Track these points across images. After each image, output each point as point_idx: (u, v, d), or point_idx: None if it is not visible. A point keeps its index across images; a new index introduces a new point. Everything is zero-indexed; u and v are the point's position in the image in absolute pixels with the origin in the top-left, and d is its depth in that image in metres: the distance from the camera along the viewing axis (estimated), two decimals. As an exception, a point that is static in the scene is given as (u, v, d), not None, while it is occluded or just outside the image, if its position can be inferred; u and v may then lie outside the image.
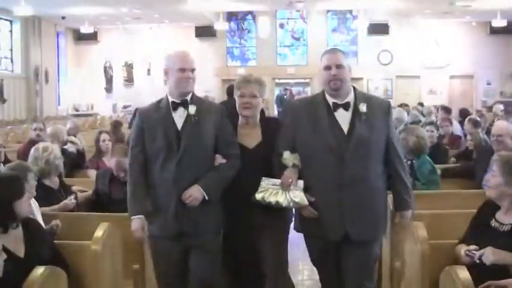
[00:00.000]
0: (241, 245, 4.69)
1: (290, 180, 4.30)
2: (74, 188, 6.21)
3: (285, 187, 4.32)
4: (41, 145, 5.91)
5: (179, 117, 4.46)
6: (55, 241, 4.39)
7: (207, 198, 4.37)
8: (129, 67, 28.91)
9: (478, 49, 26.95)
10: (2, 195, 3.88)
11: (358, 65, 26.78)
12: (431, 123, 9.74)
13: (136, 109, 4.91)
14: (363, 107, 4.28)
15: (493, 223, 4.02)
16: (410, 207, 4.48)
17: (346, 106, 4.32)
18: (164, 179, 4.39)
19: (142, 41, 27.77)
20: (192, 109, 4.43)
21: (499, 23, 23.09)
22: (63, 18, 24.71)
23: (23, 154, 8.73)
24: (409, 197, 4.44)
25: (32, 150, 5.84)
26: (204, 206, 4.38)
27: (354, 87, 4.44)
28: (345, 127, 4.28)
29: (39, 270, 3.40)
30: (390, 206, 4.57)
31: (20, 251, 3.83)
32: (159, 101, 4.59)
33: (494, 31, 25.98)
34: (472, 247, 3.88)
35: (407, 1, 21.63)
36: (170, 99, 4.50)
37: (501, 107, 15.12)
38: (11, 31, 24.26)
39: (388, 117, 4.40)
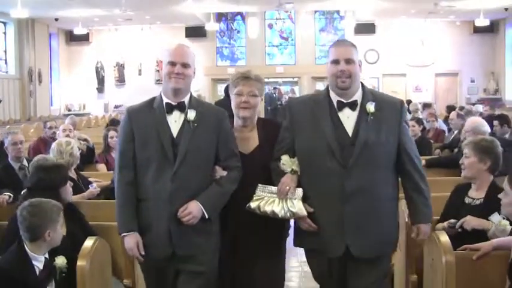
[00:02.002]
0: (230, 264, 4.23)
1: (287, 187, 3.88)
2: (91, 179, 6.83)
3: (282, 195, 3.89)
4: (63, 140, 6.49)
5: (174, 122, 3.91)
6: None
7: (207, 216, 3.86)
8: (120, 67, 29.20)
9: (462, 48, 27.63)
10: (51, 181, 4.54)
11: (346, 64, 27.50)
12: (412, 119, 10.45)
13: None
14: (370, 107, 3.82)
15: (467, 199, 4.62)
16: (429, 220, 4.05)
17: (352, 105, 3.86)
18: (157, 192, 3.83)
19: (133, 42, 28.13)
20: (192, 114, 3.88)
21: (482, 22, 23.61)
22: (56, 19, 25.06)
23: (34, 150, 9.38)
24: (427, 207, 3.98)
25: (55, 145, 6.37)
26: (201, 225, 3.86)
27: (362, 84, 3.96)
28: (350, 129, 3.83)
29: (91, 240, 4.00)
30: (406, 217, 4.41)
31: (63, 230, 4.46)
32: (152, 100, 4.01)
33: (478, 30, 26.65)
34: (452, 220, 4.36)
35: (393, 1, 22.09)
36: (165, 100, 3.94)
37: (481, 106, 15.80)
38: (5, 33, 24.61)
39: (400, 117, 3.90)
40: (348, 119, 3.85)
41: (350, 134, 3.82)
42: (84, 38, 28.35)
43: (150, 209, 3.86)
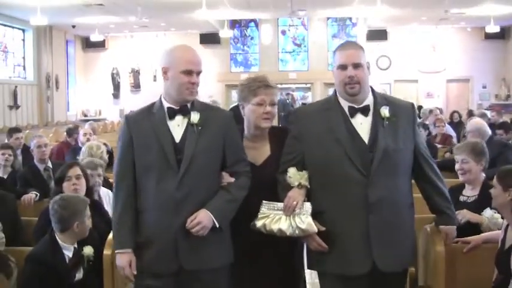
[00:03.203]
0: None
1: (294, 202, 3.60)
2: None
3: (289, 211, 3.60)
4: (94, 143, 6.96)
5: (177, 126, 3.63)
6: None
7: (217, 225, 3.56)
8: (136, 73, 29.65)
9: (473, 54, 27.82)
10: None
11: (358, 70, 27.81)
12: (418, 124, 10.89)
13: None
14: (385, 111, 3.62)
15: (461, 198, 5.00)
16: (454, 222, 3.96)
17: (364, 110, 3.65)
18: (160, 203, 3.55)
19: (148, 48, 28.41)
20: (195, 117, 3.60)
21: (493, 28, 23.78)
22: (73, 26, 25.56)
23: (57, 153, 9.83)
24: (449, 209, 3.86)
25: (86, 148, 6.85)
26: (211, 236, 3.56)
27: (371, 88, 3.75)
28: (365, 136, 3.61)
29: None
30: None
31: (89, 223, 4.89)
32: (151, 106, 3.73)
33: (489, 36, 26.78)
34: None
35: (405, 8, 22.26)
36: (166, 105, 3.65)
37: (488, 112, 16.21)
38: (23, 40, 25.07)
39: (413, 120, 3.76)
40: (362, 125, 3.64)
41: (366, 141, 3.61)
42: (101, 45, 28.81)
43: (153, 221, 3.58)
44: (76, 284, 4.35)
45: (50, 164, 7.64)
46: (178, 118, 3.63)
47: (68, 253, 4.37)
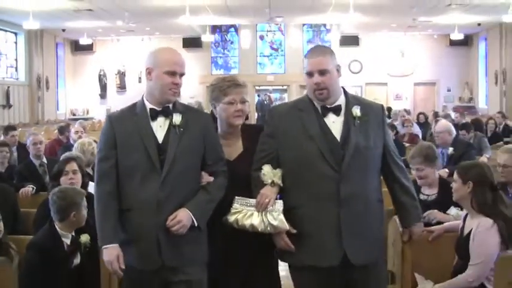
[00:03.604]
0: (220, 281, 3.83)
1: (267, 200, 3.56)
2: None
3: (261, 208, 3.57)
4: (86, 140, 7.01)
5: (159, 127, 3.56)
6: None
7: (196, 224, 3.50)
8: (122, 75, 29.54)
9: (439, 59, 28.20)
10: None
11: (331, 74, 28.01)
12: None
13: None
14: (356, 110, 3.61)
15: (421, 196, 5.14)
16: (420, 220, 3.92)
17: (336, 110, 3.63)
18: (143, 201, 3.46)
19: (134, 51, 28.18)
20: (177, 118, 3.54)
21: (457, 36, 24.19)
22: (63, 30, 25.47)
23: (50, 150, 9.87)
24: (416, 208, 3.82)
25: (78, 144, 6.90)
26: (190, 234, 3.49)
27: (343, 89, 3.74)
28: (337, 134, 3.59)
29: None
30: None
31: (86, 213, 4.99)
32: (133, 106, 3.65)
33: (453, 43, 27.26)
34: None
35: (376, 16, 22.49)
36: (148, 106, 3.58)
37: (453, 114, 16.56)
38: (15, 42, 24.93)
39: (383, 121, 3.74)
40: (334, 123, 3.61)
41: (338, 138, 3.58)
42: (89, 48, 28.68)
43: (136, 220, 3.49)
44: (74, 269, 4.47)
45: (45, 160, 7.73)
46: (160, 119, 3.56)
47: (66, 240, 4.47)
